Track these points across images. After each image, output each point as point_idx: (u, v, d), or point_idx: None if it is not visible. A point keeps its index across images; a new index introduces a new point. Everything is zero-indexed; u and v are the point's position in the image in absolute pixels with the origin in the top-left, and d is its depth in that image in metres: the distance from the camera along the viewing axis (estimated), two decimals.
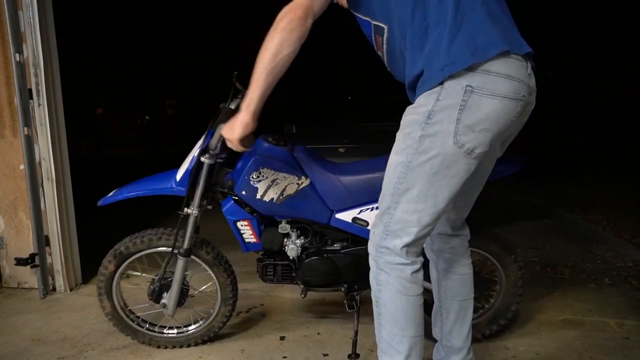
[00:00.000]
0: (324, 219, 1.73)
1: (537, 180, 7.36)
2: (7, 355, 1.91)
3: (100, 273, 1.84)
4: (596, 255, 3.13)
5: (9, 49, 2.42)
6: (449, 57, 1.12)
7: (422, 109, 1.18)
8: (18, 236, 2.64)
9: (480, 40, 1.12)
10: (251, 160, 1.66)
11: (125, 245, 1.81)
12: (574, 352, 1.83)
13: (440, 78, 1.13)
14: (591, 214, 4.64)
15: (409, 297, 1.26)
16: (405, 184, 1.21)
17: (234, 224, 1.74)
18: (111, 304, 1.87)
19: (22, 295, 2.60)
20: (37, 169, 2.52)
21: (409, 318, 1.27)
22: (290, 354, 1.87)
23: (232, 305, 1.90)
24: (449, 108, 1.13)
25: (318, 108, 5.04)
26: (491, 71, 1.12)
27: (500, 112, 1.14)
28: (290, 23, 1.18)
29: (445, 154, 1.16)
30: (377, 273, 1.28)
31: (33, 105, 2.48)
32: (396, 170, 1.23)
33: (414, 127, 1.19)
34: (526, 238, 3.63)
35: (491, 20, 1.14)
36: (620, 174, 7.72)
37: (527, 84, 1.17)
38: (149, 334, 1.92)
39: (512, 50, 1.14)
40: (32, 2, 2.40)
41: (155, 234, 1.82)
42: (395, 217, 1.23)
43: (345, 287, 1.80)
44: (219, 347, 1.94)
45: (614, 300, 2.35)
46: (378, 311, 1.31)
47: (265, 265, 1.82)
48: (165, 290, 1.83)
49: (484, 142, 1.16)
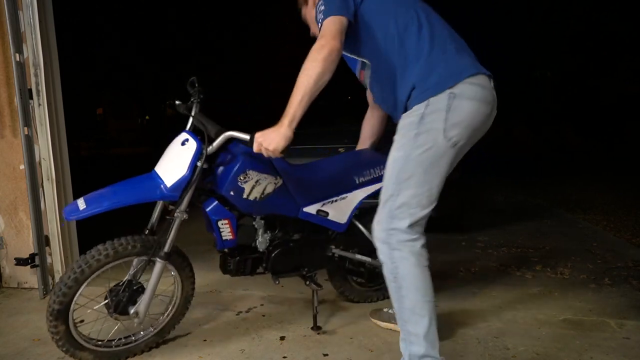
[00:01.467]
0: (294, 213, 1.94)
1: (537, 180, 7.35)
2: (7, 355, 1.91)
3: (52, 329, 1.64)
4: (596, 255, 3.13)
5: (9, 49, 2.42)
6: (434, 81, 1.46)
7: (416, 113, 1.48)
8: (18, 236, 2.64)
9: (455, 66, 1.47)
10: (238, 163, 1.74)
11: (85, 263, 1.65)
12: (574, 352, 1.83)
13: (430, 95, 1.45)
14: (591, 214, 4.64)
15: (424, 267, 1.49)
16: (405, 174, 1.47)
17: (216, 223, 1.80)
18: (88, 351, 1.74)
19: (22, 295, 2.60)
20: (37, 169, 2.52)
21: (427, 284, 1.50)
22: (290, 354, 1.87)
23: (188, 303, 1.96)
24: (439, 111, 1.44)
25: (318, 108, 5.04)
26: (467, 82, 1.46)
27: (476, 112, 1.46)
28: (331, 54, 1.41)
29: (437, 147, 1.45)
30: (390, 253, 1.49)
31: (33, 105, 2.48)
32: (396, 164, 1.50)
33: (409, 128, 1.48)
34: (526, 238, 3.63)
35: (459, 53, 1.52)
36: (621, 174, 7.72)
37: (492, 95, 1.52)
38: (142, 342, 1.90)
39: (480, 71, 1.50)
40: (32, 2, 2.40)
41: (103, 250, 1.68)
42: (398, 202, 1.48)
43: (306, 270, 2.05)
44: (219, 347, 1.94)
45: (614, 300, 2.35)
46: (397, 285, 1.49)
47: (238, 261, 1.92)
48: (131, 299, 1.75)
49: (465, 136, 1.47)
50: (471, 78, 1.46)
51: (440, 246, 3.42)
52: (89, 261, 1.65)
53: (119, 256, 1.69)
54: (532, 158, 11.95)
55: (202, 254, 3.17)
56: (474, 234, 3.78)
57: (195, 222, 1.90)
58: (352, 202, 2.06)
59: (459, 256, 3.18)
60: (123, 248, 1.69)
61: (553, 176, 7.89)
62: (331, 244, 2.12)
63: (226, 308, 2.35)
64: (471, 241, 3.57)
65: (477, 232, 3.84)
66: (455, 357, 1.81)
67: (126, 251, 1.70)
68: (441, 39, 1.51)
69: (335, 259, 2.15)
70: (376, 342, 1.95)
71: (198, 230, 3.95)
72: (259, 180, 1.78)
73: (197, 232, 3.82)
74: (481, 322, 2.13)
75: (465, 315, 2.21)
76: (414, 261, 1.47)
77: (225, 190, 1.75)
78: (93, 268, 1.65)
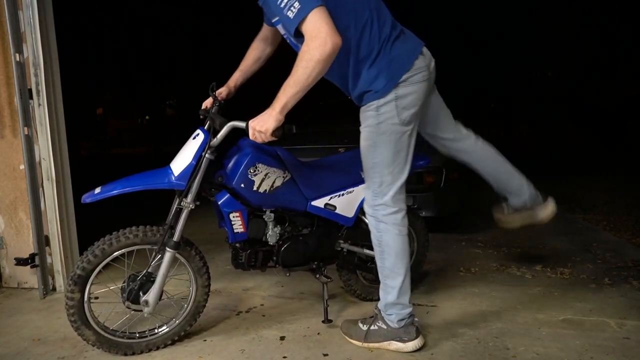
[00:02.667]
0: (302, 207, 2.03)
1: (537, 180, 7.33)
2: (7, 355, 1.92)
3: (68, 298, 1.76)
4: (596, 255, 3.13)
5: (9, 49, 2.42)
6: (381, 84, 1.69)
7: (372, 106, 1.73)
8: (18, 236, 2.64)
9: (398, 65, 1.70)
10: (248, 156, 1.85)
11: (100, 249, 1.77)
12: (574, 352, 1.83)
13: (380, 96, 1.70)
14: (591, 214, 4.64)
15: (403, 236, 1.83)
16: (377, 158, 1.76)
17: (228, 216, 1.88)
18: (92, 331, 1.81)
19: (22, 295, 2.60)
20: (37, 169, 2.52)
21: (405, 250, 1.84)
22: (290, 354, 1.87)
23: (207, 289, 1.98)
24: (389, 103, 1.71)
25: (318, 108, 5.04)
26: (408, 75, 1.70)
27: (418, 93, 1.73)
28: (334, 53, 1.50)
29: (396, 130, 1.73)
30: (376, 224, 1.81)
31: (33, 105, 2.48)
32: (367, 151, 1.79)
33: (370, 120, 1.75)
34: (526, 238, 3.63)
35: (401, 42, 1.73)
36: (621, 174, 7.72)
37: (428, 67, 1.76)
38: (144, 341, 1.90)
39: (416, 56, 1.72)
40: (32, 2, 2.40)
41: (128, 233, 1.81)
42: (376, 181, 1.78)
43: (316, 264, 2.11)
44: (219, 347, 1.94)
45: (614, 300, 2.35)
46: (381, 250, 1.83)
47: (249, 253, 1.98)
48: (144, 288, 1.83)
49: (416, 113, 1.75)
50: (410, 71, 1.70)
51: (440, 246, 3.41)
52: (119, 236, 1.79)
53: (136, 242, 1.81)
54: (533, 158, 11.96)
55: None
56: (474, 234, 3.78)
57: (196, 222, 1.92)
58: (359, 196, 2.13)
59: (459, 256, 3.18)
60: (144, 234, 1.81)
61: (553, 176, 7.89)
62: (340, 238, 2.17)
63: (226, 308, 2.35)
64: (471, 241, 3.58)
65: (477, 232, 3.84)
66: (455, 357, 1.81)
67: (144, 239, 1.81)
68: (387, 34, 1.70)
69: (344, 254, 2.19)
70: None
71: (198, 231, 3.98)
72: (268, 173, 1.89)
73: (197, 232, 3.84)
74: (481, 322, 2.13)
75: (465, 315, 2.21)
76: (395, 231, 1.80)
77: (236, 182, 1.84)
78: (118, 246, 1.78)
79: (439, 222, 3.76)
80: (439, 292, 2.51)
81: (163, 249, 1.82)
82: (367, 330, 1.89)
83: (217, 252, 3.28)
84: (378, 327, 1.87)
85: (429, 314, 2.23)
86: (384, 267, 1.85)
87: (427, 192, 3.48)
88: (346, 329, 1.97)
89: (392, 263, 1.82)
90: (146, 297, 1.82)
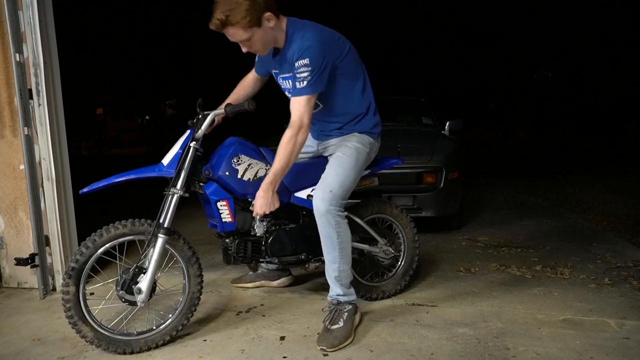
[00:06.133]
0: (286, 198, 2.13)
1: (537, 180, 7.35)
2: (7, 355, 1.92)
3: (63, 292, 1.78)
4: (596, 255, 3.13)
5: (9, 49, 2.42)
6: (365, 127, 2.12)
7: (355, 136, 2.11)
8: (18, 236, 2.65)
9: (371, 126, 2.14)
10: (232, 147, 2.03)
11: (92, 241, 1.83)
12: (574, 352, 1.83)
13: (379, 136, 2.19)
14: (591, 214, 4.64)
15: (350, 233, 2.06)
16: (350, 176, 2.01)
17: (215, 204, 1.99)
18: (90, 328, 1.82)
19: (22, 295, 2.60)
20: (37, 169, 2.52)
21: (349, 241, 2.07)
22: (290, 354, 1.87)
23: (199, 286, 2.02)
24: (365, 143, 2.11)
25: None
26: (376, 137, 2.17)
27: (375, 143, 2.17)
28: (305, 137, 1.89)
29: (365, 159, 2.11)
30: (336, 224, 1.98)
31: (33, 105, 2.48)
32: (344, 167, 2.02)
33: (355, 145, 2.08)
34: (526, 238, 3.63)
35: (374, 113, 2.16)
36: (621, 174, 7.72)
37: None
38: (142, 338, 1.90)
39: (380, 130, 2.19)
40: (32, 2, 2.40)
41: (118, 224, 1.86)
42: (339, 193, 1.98)
43: (304, 255, 2.20)
44: (219, 347, 1.94)
45: (614, 300, 2.35)
46: (341, 247, 2.01)
47: (238, 243, 2.08)
48: (137, 277, 1.85)
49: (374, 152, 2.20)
50: (378, 136, 2.18)
51: (441, 246, 3.42)
52: (109, 228, 1.85)
53: (125, 233, 1.87)
54: (533, 158, 11.95)
55: (202, 254, 3.16)
56: (474, 234, 3.78)
57: (196, 223, 1.92)
58: None
59: (459, 256, 3.18)
60: (132, 225, 1.88)
61: (553, 176, 7.90)
62: None
63: (226, 308, 2.35)
64: (471, 241, 3.58)
65: (477, 232, 3.84)
66: (455, 357, 1.81)
67: (133, 229, 1.88)
68: (370, 101, 2.12)
69: None
70: (376, 342, 1.95)
71: (199, 231, 3.98)
72: (251, 164, 2.05)
73: (197, 232, 3.85)
74: (481, 322, 2.13)
75: (465, 315, 2.21)
76: (347, 230, 2.03)
77: (222, 171, 1.99)
78: (108, 237, 1.83)
79: (439, 222, 3.76)
80: (439, 292, 2.51)
81: (155, 235, 1.86)
82: (337, 328, 1.97)
83: (217, 252, 3.28)
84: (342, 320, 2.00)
85: (429, 314, 2.23)
86: (339, 257, 2.03)
87: (427, 192, 3.48)
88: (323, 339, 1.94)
89: (345, 255, 2.05)
90: (139, 285, 1.84)
